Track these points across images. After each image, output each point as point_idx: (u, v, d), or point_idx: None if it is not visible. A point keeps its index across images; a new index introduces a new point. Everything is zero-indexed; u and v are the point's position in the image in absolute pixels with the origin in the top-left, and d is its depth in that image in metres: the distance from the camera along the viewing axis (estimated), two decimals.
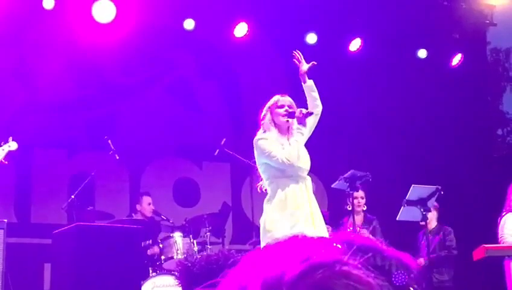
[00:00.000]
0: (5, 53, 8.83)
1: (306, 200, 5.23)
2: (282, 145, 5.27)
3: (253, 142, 5.34)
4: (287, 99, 5.44)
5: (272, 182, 5.26)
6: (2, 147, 6.86)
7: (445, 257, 8.53)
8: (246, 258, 0.79)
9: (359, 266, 0.73)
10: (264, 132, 5.38)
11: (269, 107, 5.43)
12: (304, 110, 5.31)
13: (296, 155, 5.19)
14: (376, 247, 0.78)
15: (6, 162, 6.88)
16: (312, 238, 0.78)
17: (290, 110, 5.35)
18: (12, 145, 6.91)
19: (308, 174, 5.39)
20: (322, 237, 0.78)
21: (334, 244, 0.77)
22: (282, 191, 5.18)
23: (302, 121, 5.28)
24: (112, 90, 9.44)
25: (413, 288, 0.79)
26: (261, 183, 5.39)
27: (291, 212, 5.14)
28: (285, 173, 5.22)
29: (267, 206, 5.25)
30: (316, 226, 5.14)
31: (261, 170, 5.33)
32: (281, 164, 5.17)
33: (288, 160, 5.16)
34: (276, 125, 5.36)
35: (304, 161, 5.30)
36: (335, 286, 0.70)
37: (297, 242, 0.77)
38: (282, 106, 5.37)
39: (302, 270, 0.72)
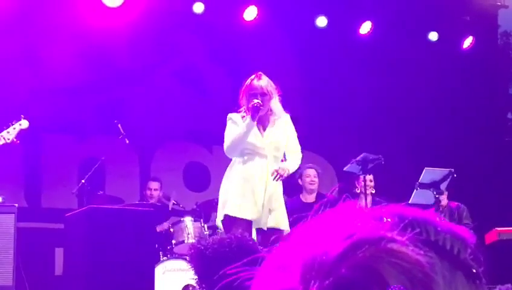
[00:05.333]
0: (15, 37, 8.79)
1: (263, 177, 5.27)
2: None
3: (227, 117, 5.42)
4: (259, 85, 5.24)
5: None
6: (13, 126, 6.87)
7: None
8: (289, 235, 0.74)
9: (407, 242, 0.68)
10: (245, 111, 5.35)
11: (243, 90, 5.33)
12: (255, 102, 5.16)
13: (256, 134, 5.23)
14: (429, 220, 0.74)
15: (18, 141, 6.88)
16: (360, 210, 0.74)
17: (258, 99, 5.18)
18: (24, 124, 6.91)
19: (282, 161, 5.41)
20: (372, 208, 0.74)
21: (384, 218, 0.73)
22: (239, 164, 5.32)
23: (253, 114, 5.17)
24: (121, 75, 9.40)
25: (470, 264, 0.75)
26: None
27: (243, 183, 5.24)
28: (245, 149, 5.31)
29: (225, 175, 5.44)
30: (270, 206, 5.26)
31: None
32: (226, 148, 5.31)
33: (231, 143, 5.23)
34: (249, 110, 5.28)
35: (268, 141, 5.29)
36: (379, 264, 0.66)
37: (343, 216, 0.73)
38: (254, 94, 5.22)
39: (344, 249, 0.68)
